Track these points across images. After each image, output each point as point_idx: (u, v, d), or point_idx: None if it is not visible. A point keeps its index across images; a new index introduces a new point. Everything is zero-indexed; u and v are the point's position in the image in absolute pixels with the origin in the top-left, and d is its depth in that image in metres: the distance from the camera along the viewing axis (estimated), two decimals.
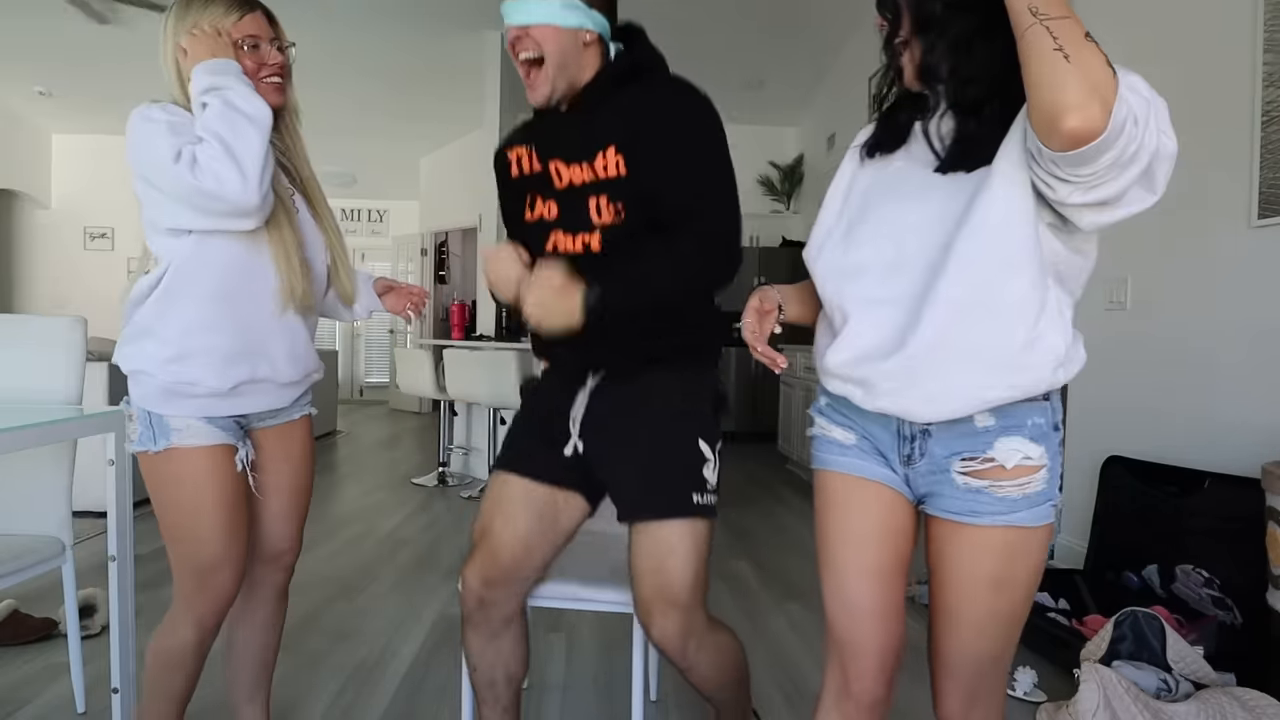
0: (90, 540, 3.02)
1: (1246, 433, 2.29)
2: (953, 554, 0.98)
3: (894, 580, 1.04)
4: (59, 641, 2.21)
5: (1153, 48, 2.67)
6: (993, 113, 0.90)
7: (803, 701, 2.00)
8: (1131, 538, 2.51)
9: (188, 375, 1.26)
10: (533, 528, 1.36)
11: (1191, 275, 2.52)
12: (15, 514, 1.77)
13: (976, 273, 0.89)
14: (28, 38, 5.89)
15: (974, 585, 0.97)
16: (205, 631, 1.35)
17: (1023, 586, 0.97)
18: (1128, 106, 0.76)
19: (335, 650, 2.25)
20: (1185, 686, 1.83)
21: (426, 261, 9.00)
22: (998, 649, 0.99)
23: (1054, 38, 0.76)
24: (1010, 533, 0.94)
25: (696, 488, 1.29)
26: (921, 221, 0.94)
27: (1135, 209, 0.84)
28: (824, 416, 1.09)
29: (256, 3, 1.35)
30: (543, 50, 1.26)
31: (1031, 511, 0.93)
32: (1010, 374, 0.90)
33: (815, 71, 6.56)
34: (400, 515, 3.98)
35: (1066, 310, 0.93)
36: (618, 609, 1.49)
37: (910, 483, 1.01)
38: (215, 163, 1.15)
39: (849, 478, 1.04)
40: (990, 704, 1.02)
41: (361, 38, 5.73)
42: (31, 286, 8.44)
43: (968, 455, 0.95)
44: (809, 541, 3.58)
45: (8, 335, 1.80)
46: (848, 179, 1.08)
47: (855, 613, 1.04)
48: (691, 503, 1.28)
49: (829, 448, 1.07)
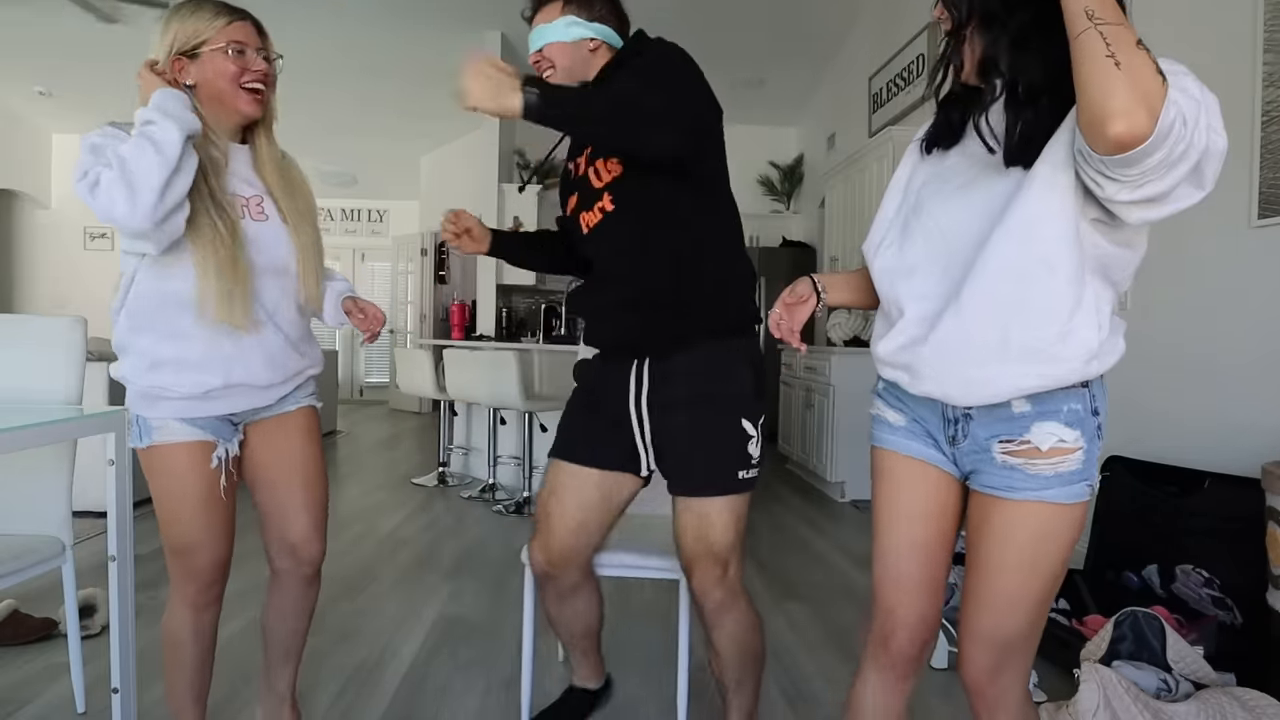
0: (90, 540, 3.02)
1: (1246, 433, 2.30)
2: (988, 528, 1.03)
3: (937, 555, 1.10)
4: (59, 641, 2.21)
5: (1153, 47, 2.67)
6: (1047, 106, 0.92)
7: (803, 702, 2.00)
8: (1131, 538, 2.51)
9: (161, 382, 1.35)
10: (586, 511, 1.53)
11: (1191, 275, 2.52)
12: (15, 514, 1.77)
13: (1010, 270, 0.93)
14: (28, 37, 5.89)
15: (1005, 558, 1.01)
16: (199, 611, 1.43)
17: (1053, 563, 1.01)
18: (1177, 109, 0.78)
19: (335, 650, 2.25)
20: (1185, 686, 1.83)
21: (426, 261, 8.99)
22: (1026, 625, 1.03)
23: (1106, 43, 0.78)
24: (1043, 509, 0.99)
25: (742, 465, 1.43)
26: (967, 218, 0.99)
27: (1184, 205, 0.86)
28: (880, 399, 1.16)
29: (246, 13, 1.39)
30: (555, 64, 1.46)
31: (1064, 489, 0.98)
32: (1043, 365, 0.94)
33: (815, 71, 6.56)
34: (400, 515, 3.98)
35: (1105, 305, 0.97)
36: (667, 575, 1.71)
37: (957, 461, 1.08)
38: (111, 187, 1.19)
39: (899, 456, 1.12)
40: (1014, 675, 1.06)
41: (362, 37, 5.73)
42: (31, 286, 8.44)
43: (1006, 438, 1.00)
44: (809, 541, 3.59)
45: (8, 335, 1.80)
46: (907, 173, 1.14)
47: (900, 581, 1.11)
48: (737, 479, 1.43)
49: (883, 427, 1.15)
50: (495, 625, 2.49)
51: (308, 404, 1.56)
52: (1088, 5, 0.80)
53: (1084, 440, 0.98)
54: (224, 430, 1.42)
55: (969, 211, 0.99)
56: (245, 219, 1.39)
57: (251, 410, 1.46)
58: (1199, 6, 2.52)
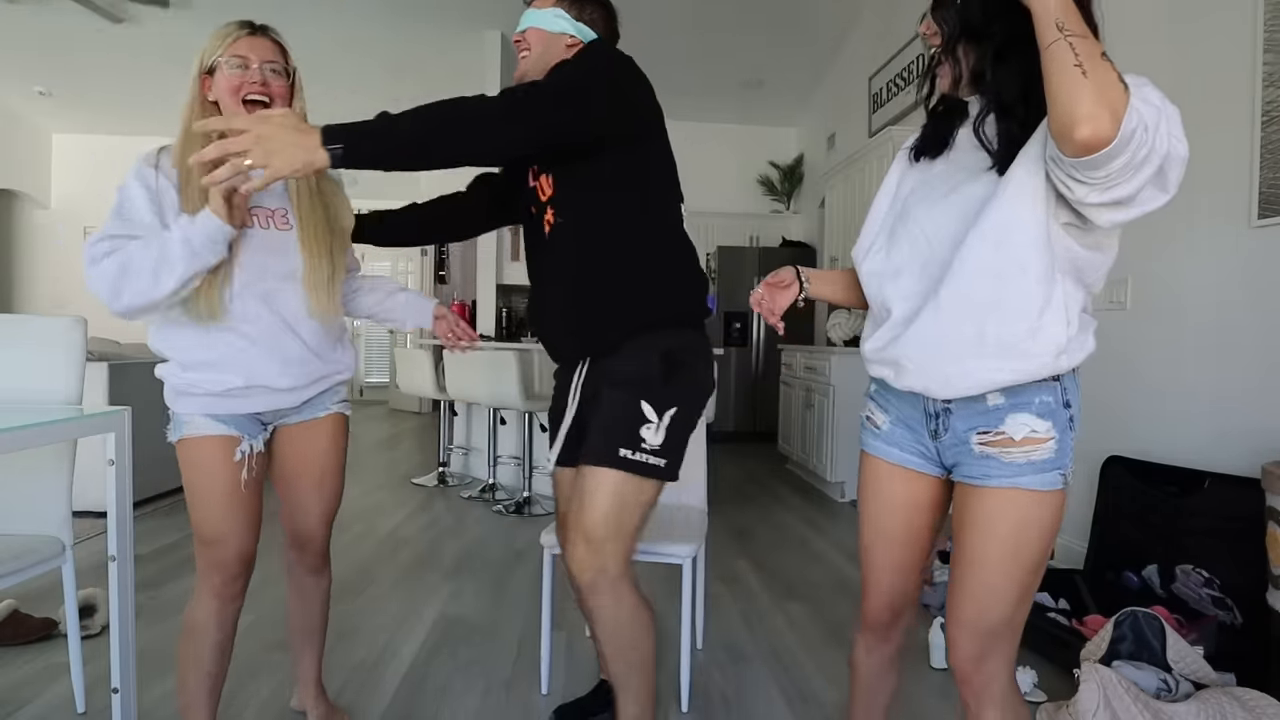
0: (90, 540, 3.01)
1: (1246, 433, 2.30)
2: (970, 518, 1.11)
3: (908, 543, 1.24)
4: (59, 641, 2.21)
5: (1153, 48, 2.67)
6: (1024, 116, 1.01)
7: (803, 702, 2.00)
8: (1131, 538, 2.52)
9: (190, 380, 1.46)
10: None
11: (1191, 275, 2.52)
12: (15, 514, 1.77)
13: (985, 270, 1.01)
14: (28, 37, 5.89)
15: (988, 549, 1.08)
16: (223, 601, 1.48)
17: (1034, 553, 1.08)
18: (1138, 116, 0.84)
19: (335, 650, 2.25)
20: (1185, 686, 1.83)
21: (426, 261, 8.99)
22: (1009, 614, 1.10)
23: (1075, 53, 0.85)
24: (1020, 496, 1.06)
25: (629, 444, 1.42)
26: (947, 222, 1.07)
27: (1149, 207, 0.93)
28: (871, 401, 1.27)
29: (260, 28, 1.46)
30: (530, 47, 1.51)
31: (1038, 477, 1.05)
32: (1014, 360, 1.02)
33: (815, 71, 6.56)
34: (400, 515, 3.98)
35: (1075, 304, 1.03)
36: (670, 560, 1.86)
37: (940, 455, 1.16)
38: (104, 276, 1.30)
39: (880, 461, 1.24)
40: (999, 662, 1.13)
41: (361, 36, 5.74)
42: (31, 286, 8.44)
43: (983, 429, 1.08)
44: (809, 541, 3.59)
45: (8, 335, 1.80)
46: (895, 180, 1.22)
47: (874, 563, 1.27)
48: (617, 455, 1.41)
49: (870, 433, 1.26)
50: (495, 625, 2.49)
51: (337, 410, 1.64)
52: (1059, 17, 0.87)
53: (1056, 431, 1.05)
54: (251, 428, 1.50)
55: (949, 215, 1.07)
56: (269, 228, 1.47)
57: (276, 411, 1.54)
58: (1199, 6, 2.52)
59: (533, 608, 2.61)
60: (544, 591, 2.02)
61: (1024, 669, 2.06)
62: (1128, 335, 2.76)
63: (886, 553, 1.26)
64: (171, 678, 2.04)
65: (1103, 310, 2.87)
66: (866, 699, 1.38)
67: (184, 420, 1.46)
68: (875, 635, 1.32)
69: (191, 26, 5.44)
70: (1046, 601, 2.47)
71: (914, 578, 1.28)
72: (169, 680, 2.02)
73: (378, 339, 10.37)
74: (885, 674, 1.36)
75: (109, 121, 7.85)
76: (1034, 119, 0.98)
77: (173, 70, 6.38)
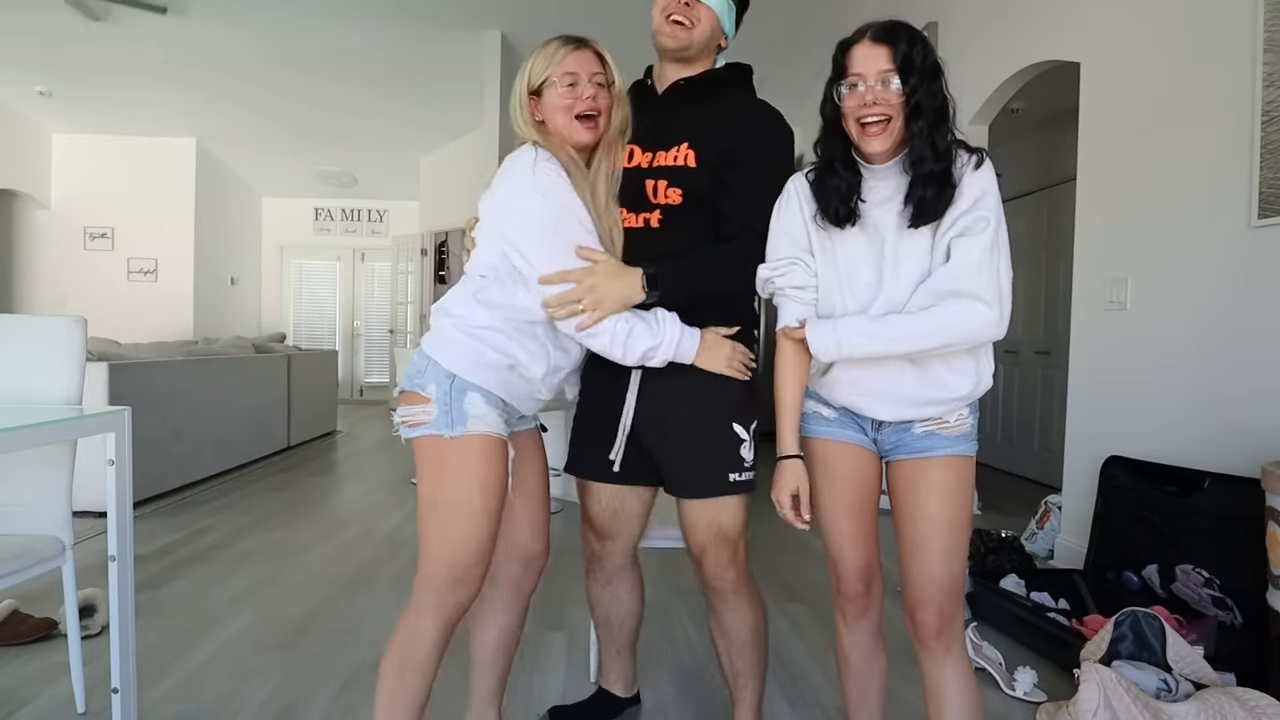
0: (90, 540, 3.01)
1: (1246, 433, 2.29)
2: (924, 486, 1.31)
3: (865, 511, 1.40)
4: (59, 641, 2.21)
5: (1153, 48, 2.67)
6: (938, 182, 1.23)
7: (804, 703, 2.00)
8: (1131, 538, 2.52)
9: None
10: (612, 508, 1.65)
11: (1191, 275, 2.52)
12: (15, 514, 1.76)
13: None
14: (28, 37, 5.89)
15: (943, 506, 1.29)
16: (450, 627, 1.39)
17: (969, 514, 1.33)
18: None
19: (335, 650, 2.25)
20: (1185, 686, 1.84)
21: (426, 261, 9.00)
22: (956, 571, 1.31)
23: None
24: (961, 461, 1.31)
25: (734, 468, 1.51)
26: (871, 280, 1.29)
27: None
28: (813, 399, 1.43)
29: (584, 41, 1.43)
30: (700, 18, 1.51)
31: (968, 445, 1.33)
32: (931, 406, 1.30)
33: (815, 71, 6.56)
34: (400, 515, 3.98)
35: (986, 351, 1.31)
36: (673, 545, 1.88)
37: (879, 444, 1.38)
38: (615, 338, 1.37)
39: (829, 442, 1.40)
40: (956, 623, 1.31)
41: (362, 36, 5.73)
42: (31, 287, 8.44)
43: (922, 422, 1.33)
44: (809, 542, 3.59)
45: (8, 335, 1.80)
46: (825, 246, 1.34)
47: (838, 537, 1.40)
48: (728, 482, 1.51)
49: (817, 421, 1.42)
50: None
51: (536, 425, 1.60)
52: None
53: (970, 414, 1.33)
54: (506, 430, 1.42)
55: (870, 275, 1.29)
56: None
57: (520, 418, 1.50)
58: (1199, 6, 2.52)
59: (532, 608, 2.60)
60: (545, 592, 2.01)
61: (1024, 669, 2.06)
62: (1128, 335, 2.76)
63: (853, 522, 1.38)
64: (172, 678, 2.04)
65: (1103, 310, 2.87)
66: (860, 686, 1.45)
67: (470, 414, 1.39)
68: (855, 607, 1.42)
69: (192, 27, 5.45)
70: (1046, 601, 2.47)
71: (875, 545, 1.41)
72: (169, 680, 2.03)
73: (378, 339, 10.37)
74: (873, 654, 1.44)
75: (109, 121, 7.84)
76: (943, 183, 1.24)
77: (173, 70, 6.39)
